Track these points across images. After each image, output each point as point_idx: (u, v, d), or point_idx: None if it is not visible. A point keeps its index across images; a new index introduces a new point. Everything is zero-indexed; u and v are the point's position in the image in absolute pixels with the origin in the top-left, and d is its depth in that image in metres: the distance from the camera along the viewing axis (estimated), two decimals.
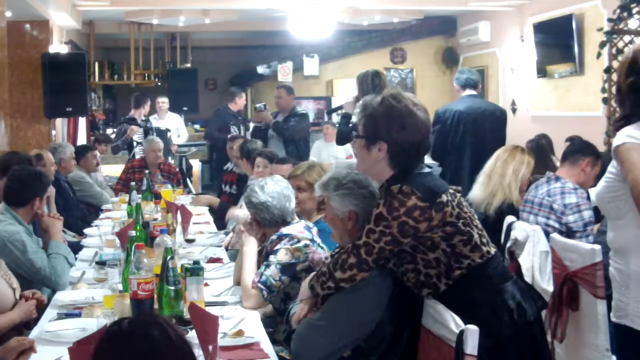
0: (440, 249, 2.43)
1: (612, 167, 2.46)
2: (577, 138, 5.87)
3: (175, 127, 9.60)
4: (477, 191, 4.45)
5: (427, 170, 2.53)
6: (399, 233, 2.39)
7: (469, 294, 2.44)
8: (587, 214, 4.05)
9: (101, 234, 4.84)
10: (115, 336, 1.64)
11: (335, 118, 10.43)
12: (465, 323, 2.25)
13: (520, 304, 2.47)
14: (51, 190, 5.05)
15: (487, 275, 2.48)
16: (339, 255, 2.51)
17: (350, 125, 5.72)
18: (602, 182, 2.54)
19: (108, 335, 1.65)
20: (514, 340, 2.46)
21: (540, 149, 5.98)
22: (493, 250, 2.54)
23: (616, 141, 2.42)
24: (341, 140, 5.93)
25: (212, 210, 6.33)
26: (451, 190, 2.50)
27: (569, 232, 4.00)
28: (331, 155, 9.30)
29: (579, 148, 4.33)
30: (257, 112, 7.70)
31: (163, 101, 9.67)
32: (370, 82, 5.33)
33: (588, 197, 4.16)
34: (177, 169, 7.94)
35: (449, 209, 2.42)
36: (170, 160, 8.64)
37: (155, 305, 2.85)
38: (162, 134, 8.79)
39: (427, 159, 3.24)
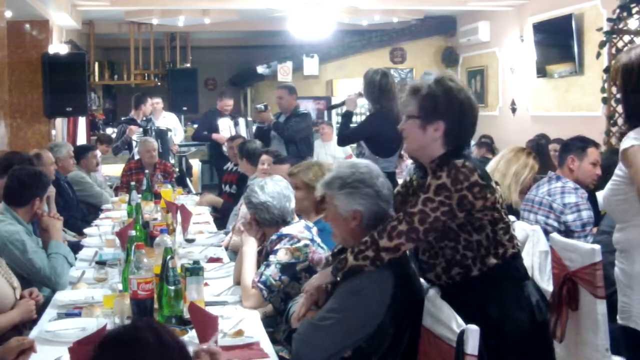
0: (485, 233, 2.45)
1: (619, 170, 2.45)
2: (560, 140, 5.87)
3: (172, 126, 9.58)
4: None
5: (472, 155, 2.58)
6: (457, 205, 2.39)
7: (500, 285, 2.46)
8: (586, 214, 4.05)
9: (101, 234, 4.84)
10: (108, 344, 1.62)
11: (335, 117, 10.44)
12: (493, 314, 2.29)
13: (539, 301, 2.52)
14: (51, 190, 5.05)
15: (516, 268, 2.52)
16: (388, 223, 2.47)
17: (353, 125, 5.72)
18: (608, 185, 2.53)
19: (101, 345, 1.62)
20: (529, 336, 2.48)
21: (540, 149, 5.99)
22: (519, 243, 2.60)
23: (624, 144, 2.41)
24: (342, 141, 5.91)
25: (215, 209, 6.36)
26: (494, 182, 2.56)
27: (567, 232, 4.01)
28: (329, 154, 9.29)
29: (562, 149, 4.34)
30: (258, 112, 7.67)
31: (157, 102, 9.64)
32: (378, 81, 5.32)
33: (589, 198, 4.16)
34: (173, 168, 7.93)
35: (498, 195, 2.48)
36: (172, 160, 8.63)
37: (155, 305, 2.85)
38: (163, 134, 8.78)
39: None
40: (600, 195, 2.62)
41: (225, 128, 8.60)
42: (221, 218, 6.06)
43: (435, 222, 2.40)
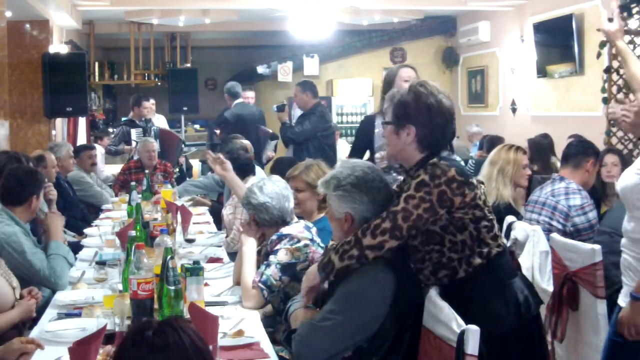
0: (468, 231, 2.49)
1: None
2: (577, 136, 5.88)
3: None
4: None
5: (453, 157, 2.60)
6: (437, 201, 2.44)
7: (483, 284, 2.49)
8: (592, 215, 4.07)
9: (101, 234, 4.84)
10: (143, 344, 1.59)
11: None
12: (476, 313, 2.30)
13: (527, 298, 2.54)
14: (53, 193, 5.06)
15: (501, 266, 2.55)
16: (371, 221, 2.50)
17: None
18: (633, 175, 2.55)
19: (136, 345, 1.59)
20: (514, 333, 2.50)
21: (540, 148, 5.99)
22: (504, 242, 2.62)
23: None
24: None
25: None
26: (475, 180, 2.57)
27: (576, 233, 4.01)
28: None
29: (581, 150, 4.35)
30: (276, 112, 7.23)
31: (152, 102, 9.58)
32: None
33: (590, 198, 4.18)
34: (173, 168, 7.90)
35: (479, 192, 2.52)
36: (176, 169, 8.55)
37: (155, 305, 2.84)
38: (177, 143, 8.68)
39: None
40: (618, 184, 2.61)
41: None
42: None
43: (418, 220, 2.45)
